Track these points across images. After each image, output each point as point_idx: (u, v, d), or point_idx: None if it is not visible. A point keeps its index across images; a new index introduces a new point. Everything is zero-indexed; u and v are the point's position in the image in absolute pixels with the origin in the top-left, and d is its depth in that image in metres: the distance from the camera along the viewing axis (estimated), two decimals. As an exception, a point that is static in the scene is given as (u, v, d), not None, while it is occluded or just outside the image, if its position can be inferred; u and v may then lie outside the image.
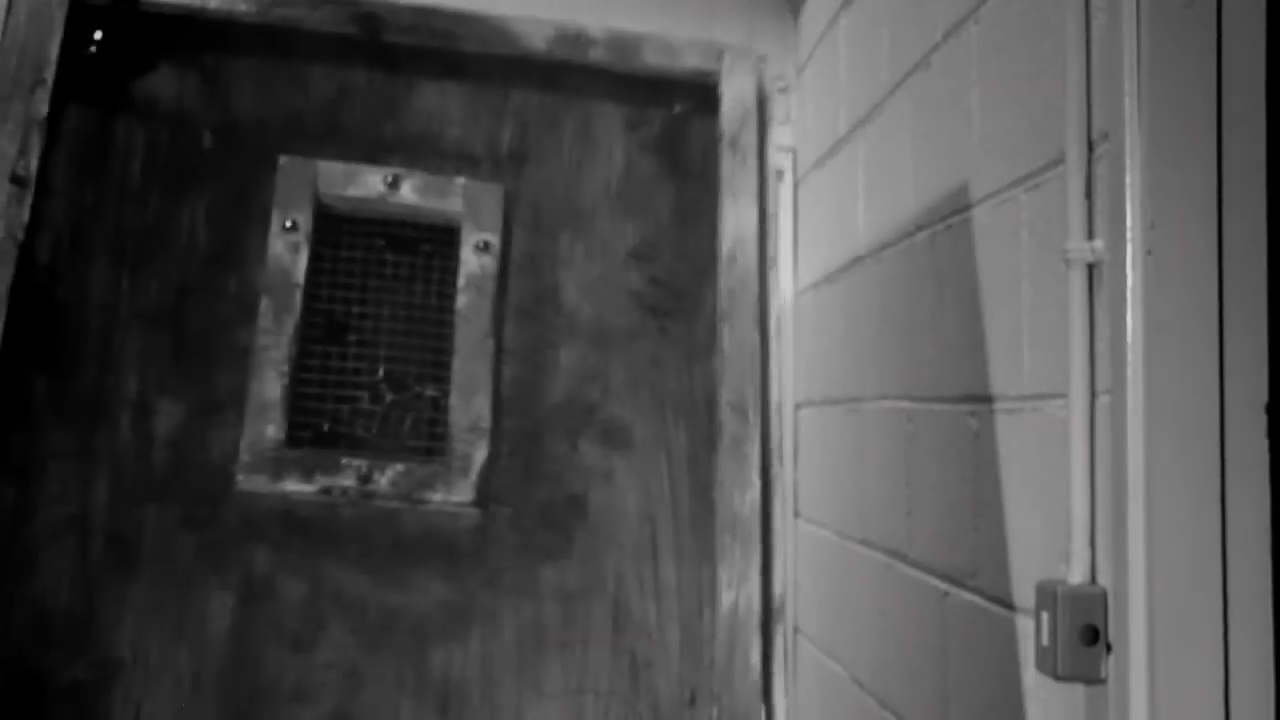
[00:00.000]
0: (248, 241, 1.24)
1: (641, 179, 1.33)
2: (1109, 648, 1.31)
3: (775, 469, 1.20)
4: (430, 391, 1.27)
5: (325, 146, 1.28)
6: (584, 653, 1.17)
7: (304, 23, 1.29)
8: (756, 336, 1.26)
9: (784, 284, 3.03)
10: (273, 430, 1.18)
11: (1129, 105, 1.29)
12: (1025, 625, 1.58)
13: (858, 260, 2.41)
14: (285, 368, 1.19)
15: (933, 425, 1.93)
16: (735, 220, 1.30)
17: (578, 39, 1.33)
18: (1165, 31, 1.25)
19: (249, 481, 1.17)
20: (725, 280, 1.28)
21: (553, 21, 1.33)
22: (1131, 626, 1.28)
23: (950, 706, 1.88)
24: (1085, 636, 1.35)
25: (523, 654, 1.17)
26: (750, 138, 1.32)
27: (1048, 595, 1.39)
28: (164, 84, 1.26)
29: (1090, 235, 1.43)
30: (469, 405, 1.21)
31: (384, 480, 1.18)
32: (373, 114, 1.30)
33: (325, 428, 1.24)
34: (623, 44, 1.33)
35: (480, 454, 1.21)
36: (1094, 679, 1.34)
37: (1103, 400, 1.39)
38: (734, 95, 1.33)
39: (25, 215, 1.18)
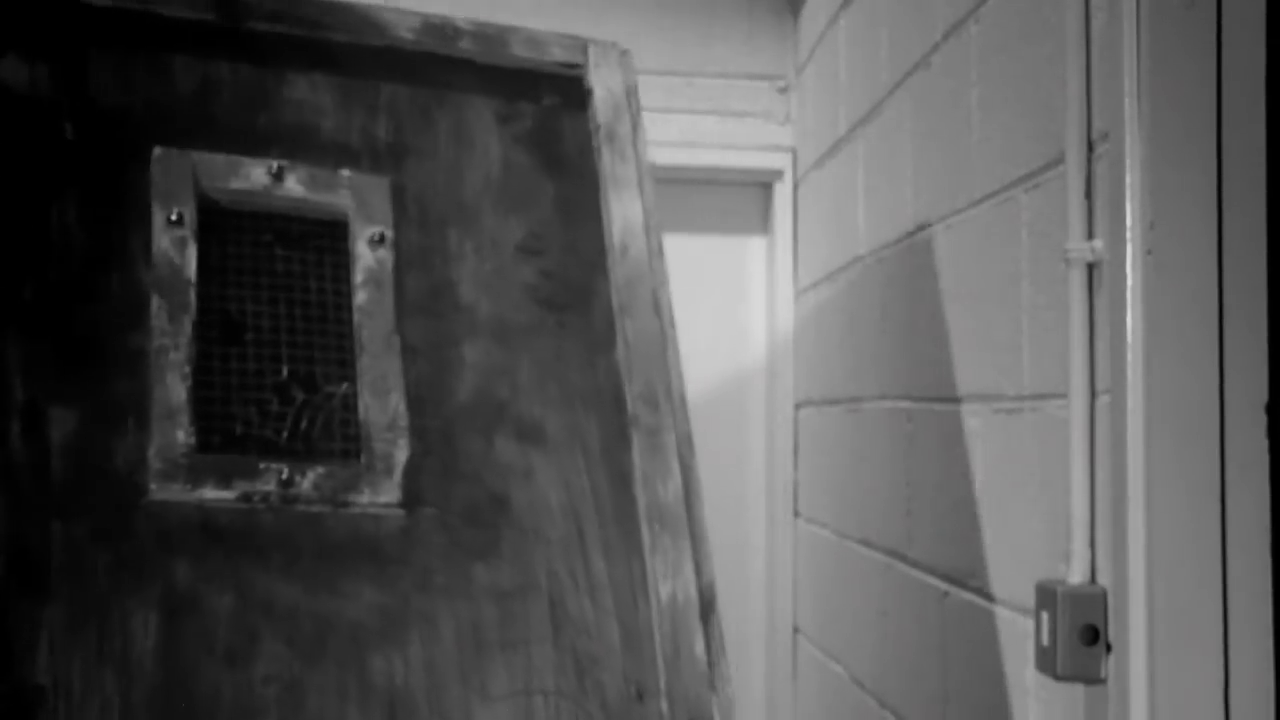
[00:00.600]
0: (129, 238, 1.66)
1: (519, 174, 1.88)
2: (1109, 647, 1.67)
3: (688, 460, 1.81)
4: (341, 390, 1.77)
5: (199, 138, 1.74)
6: (527, 653, 1.63)
7: (159, 8, 1.75)
8: (657, 325, 1.80)
9: (782, 284, 3.69)
10: (183, 435, 1.59)
11: (1129, 105, 1.68)
12: (1025, 625, 1.94)
13: (857, 260, 2.99)
14: (187, 369, 1.62)
15: (933, 425, 2.42)
16: (622, 213, 1.86)
17: (444, 30, 1.86)
18: (1165, 31, 1.67)
19: (162, 490, 1.57)
20: (619, 271, 1.83)
21: (418, 12, 1.85)
22: (1131, 626, 1.62)
23: (950, 706, 2.27)
24: (1085, 636, 1.68)
25: (465, 657, 1.61)
26: (625, 129, 1.90)
27: (1048, 595, 1.74)
28: (14, 69, 1.69)
29: (1090, 235, 1.76)
30: (384, 403, 1.69)
31: (306, 484, 1.63)
32: (244, 105, 1.77)
33: (237, 431, 1.68)
34: (489, 36, 1.87)
35: (401, 453, 1.67)
36: (1094, 679, 1.69)
37: (1103, 400, 1.72)
38: (604, 87, 1.90)
39: None
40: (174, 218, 1.71)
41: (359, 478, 1.69)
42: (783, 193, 3.76)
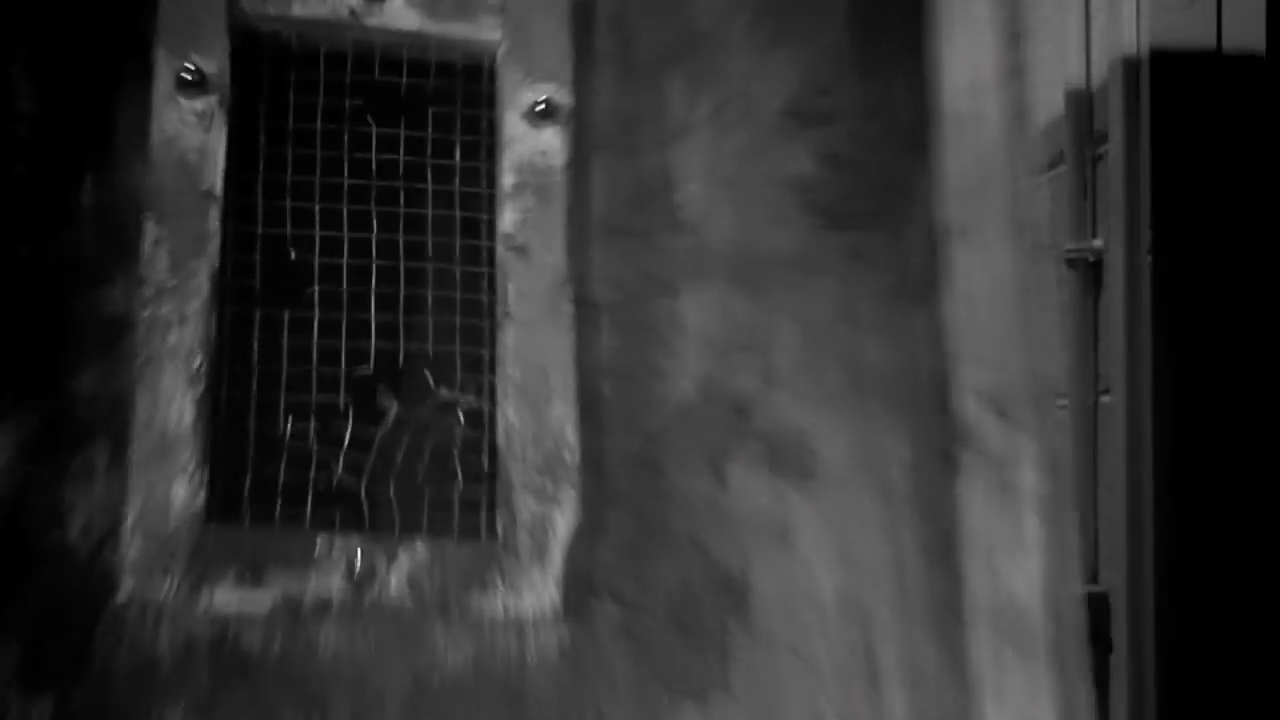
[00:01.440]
0: (114, 110, 1.03)
1: None
2: (1110, 648, 1.71)
3: (1070, 514, 1.11)
4: (465, 398, 1.10)
5: None
6: None
7: None
8: (1019, 266, 1.10)
9: None
10: (184, 490, 0.97)
11: (1129, 105, 1.73)
12: None
13: None
14: (199, 359, 0.99)
15: None
16: (963, 51, 1.14)
17: None
18: (1165, 31, 1.68)
19: (145, 589, 0.96)
20: (954, 158, 1.12)
21: None
22: (1134, 627, 1.68)
23: None
24: (1091, 638, 1.43)
25: None
26: None
27: None
28: None
29: (1090, 235, 1.84)
30: (539, 419, 1.02)
31: (395, 577, 1.00)
32: None
33: (280, 478, 1.07)
34: None
35: (566, 515, 1.03)
36: (1098, 680, 1.63)
37: (1104, 400, 1.81)
38: None
39: None
40: (190, 75, 1.03)
41: (488, 562, 1.03)
42: None
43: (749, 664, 1.04)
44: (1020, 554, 1.06)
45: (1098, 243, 1.84)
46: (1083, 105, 1.88)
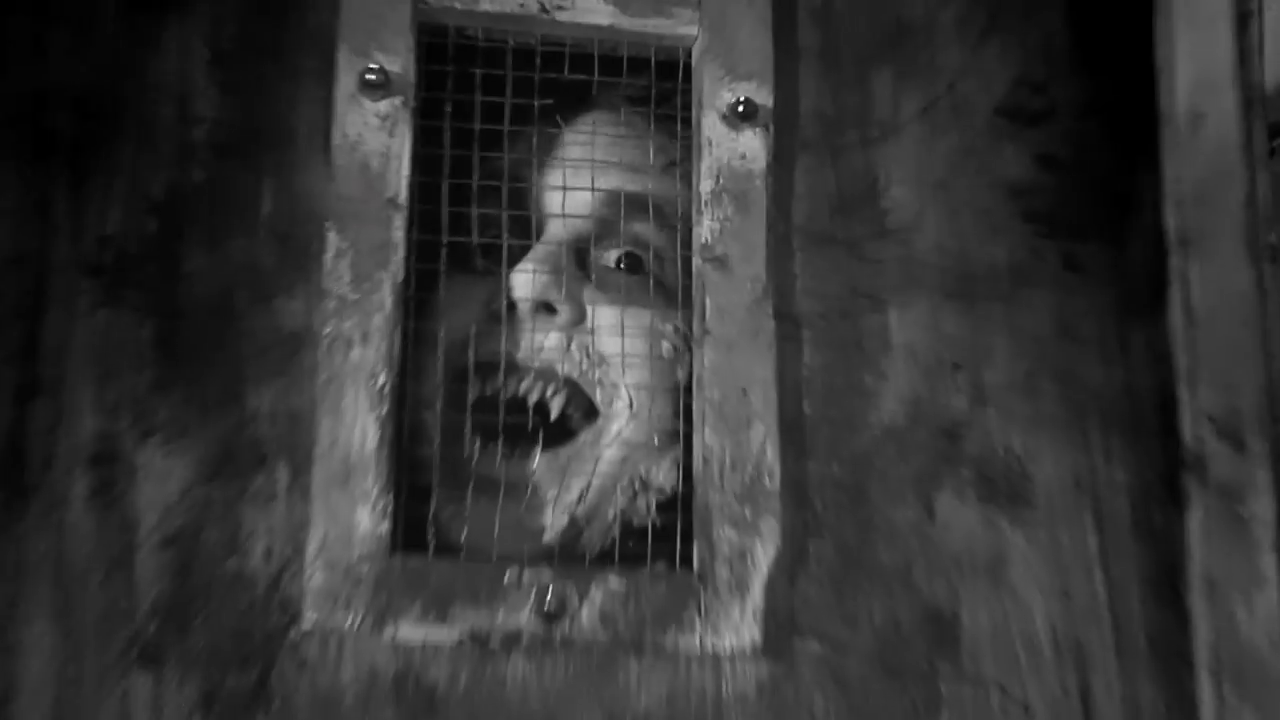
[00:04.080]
0: (293, 112, 1.01)
1: None
2: None
3: None
4: (656, 412, 1.06)
5: None
6: None
7: None
8: (1251, 278, 1.03)
9: None
10: (368, 518, 0.93)
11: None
12: None
13: None
14: (383, 381, 0.95)
15: None
16: (1193, 48, 1.07)
17: None
18: None
19: (327, 620, 0.94)
20: (1183, 163, 1.06)
21: None
22: None
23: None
24: None
25: None
26: None
27: None
28: None
29: None
30: (739, 444, 0.97)
31: (587, 612, 0.96)
32: None
33: (468, 504, 1.03)
34: None
35: (768, 546, 0.97)
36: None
37: None
38: None
39: None
40: (373, 75, 1.00)
41: (684, 597, 0.98)
42: None
43: (958, 706, 0.99)
44: (1255, 591, 1.01)
45: None
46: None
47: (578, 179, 1.06)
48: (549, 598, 0.94)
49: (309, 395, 0.95)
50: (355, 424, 0.94)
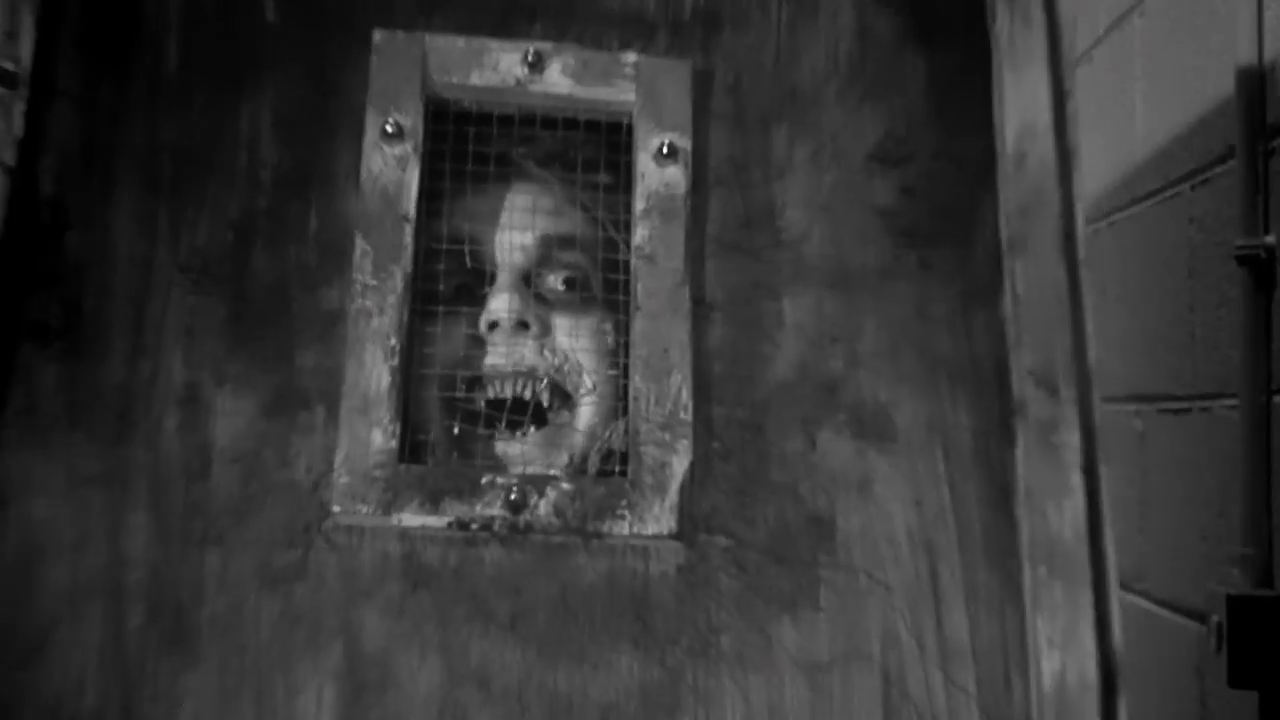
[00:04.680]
0: (333, 157, 1.33)
1: (879, 46, 1.42)
2: None
3: (1100, 468, 1.36)
4: (608, 370, 1.38)
5: (436, 14, 1.36)
6: None
7: None
8: (1063, 271, 1.33)
9: None
10: (380, 436, 1.24)
11: None
12: (1196, 630, 1.98)
13: None
14: (394, 342, 1.26)
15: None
16: (1020, 101, 1.38)
17: None
18: None
19: (350, 513, 1.23)
20: (1011, 190, 1.36)
21: None
22: None
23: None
24: (1259, 642, 1.74)
25: None
26: None
27: (1219, 600, 1.80)
28: None
29: (1263, 231, 1.83)
30: (660, 387, 1.28)
31: (544, 506, 1.25)
32: None
33: (455, 430, 1.34)
34: None
35: (681, 460, 1.27)
36: (1270, 685, 1.74)
37: (1276, 400, 1.79)
38: None
39: (18, 127, 1.26)
40: (391, 129, 1.33)
41: (619, 496, 1.28)
42: None
43: (833, 585, 1.27)
44: (1064, 499, 1.30)
45: (1270, 239, 1.79)
46: (1255, 98, 1.82)
47: (524, 227, 1.41)
48: (514, 494, 1.26)
49: (340, 355, 1.28)
50: (373, 371, 1.27)
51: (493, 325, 1.40)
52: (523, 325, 1.40)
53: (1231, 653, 1.75)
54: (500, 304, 1.39)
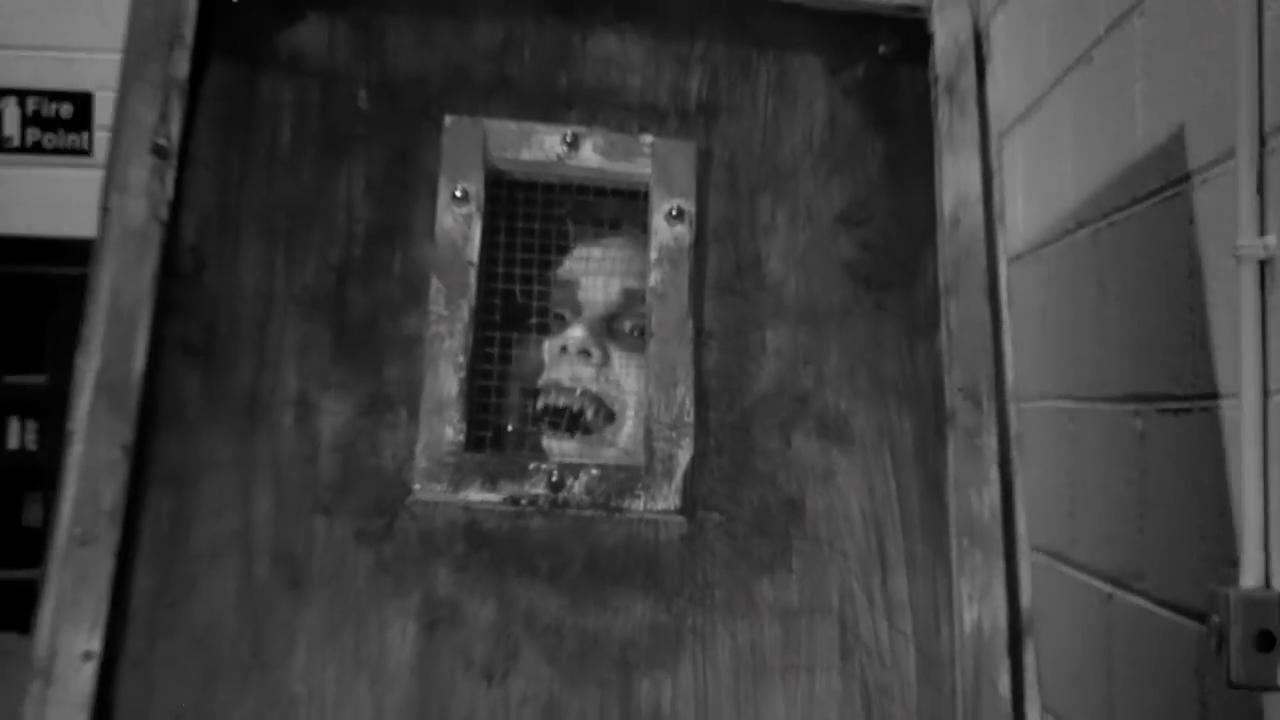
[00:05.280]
0: (413, 214, 1.66)
1: (846, 132, 1.76)
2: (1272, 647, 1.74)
3: (1016, 465, 1.72)
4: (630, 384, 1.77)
5: (494, 103, 1.69)
6: (810, 681, 1.55)
7: None
8: (986, 311, 1.67)
9: None
10: (450, 432, 1.57)
11: None
12: (1195, 630, 1.97)
13: (1017, 259, 3.06)
14: (462, 359, 1.59)
15: (1095, 425, 2.51)
16: (956, 177, 1.72)
17: None
18: None
19: (426, 490, 1.55)
20: (948, 246, 1.70)
21: None
22: None
23: (1116, 712, 2.34)
24: (1260, 642, 1.72)
25: (740, 683, 1.54)
26: (968, 81, 1.75)
27: (1220, 600, 1.78)
28: (313, 36, 1.69)
29: (1262, 231, 1.80)
30: (669, 397, 1.61)
31: (578, 486, 1.58)
32: (545, 64, 1.72)
33: (509, 427, 1.69)
34: None
35: (684, 453, 1.60)
36: (1270, 686, 1.73)
37: (1275, 400, 1.77)
38: (948, 33, 1.75)
39: (168, 191, 1.60)
40: (458, 194, 1.68)
41: (635, 480, 1.62)
42: None
43: (802, 552, 1.61)
44: (984, 488, 1.64)
45: (1270, 239, 1.76)
46: (1255, 98, 1.79)
47: (610, 274, 1.83)
48: (554, 477, 1.63)
49: (419, 369, 1.63)
50: (445, 382, 1.63)
51: (563, 349, 1.81)
52: (586, 354, 1.81)
53: (1231, 653, 1.72)
54: (576, 334, 1.81)
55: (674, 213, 1.72)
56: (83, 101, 3.66)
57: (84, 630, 1.52)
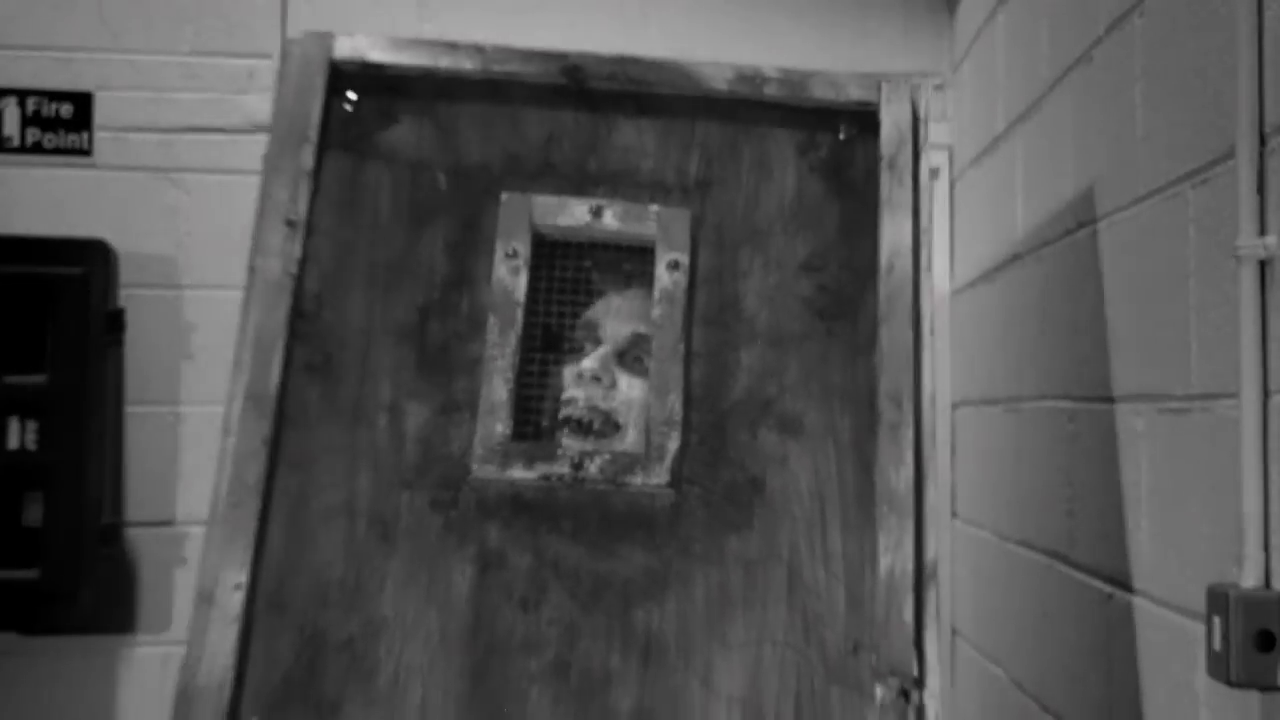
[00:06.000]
0: (476, 267, 2.19)
1: (810, 199, 2.25)
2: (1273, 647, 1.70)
3: (927, 451, 2.03)
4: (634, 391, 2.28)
5: (539, 182, 2.23)
6: (763, 610, 2.01)
7: (519, 75, 2.25)
8: (910, 336, 2.13)
9: (939, 284, 3.56)
10: (500, 427, 2.07)
11: None
12: (1195, 630, 1.96)
13: (1016, 258, 3.13)
14: (510, 374, 2.09)
15: (1095, 425, 2.54)
16: (893, 233, 2.20)
17: (754, 78, 2.27)
18: None
19: (482, 470, 2.07)
20: (884, 287, 2.17)
21: (731, 64, 2.25)
22: None
23: (1115, 711, 2.37)
24: (1260, 642, 1.72)
25: (711, 612, 2.00)
26: (906, 159, 2.23)
27: (1220, 599, 1.78)
28: (405, 134, 2.24)
29: (1262, 231, 1.78)
30: (664, 402, 2.10)
31: (593, 467, 2.08)
32: (579, 152, 2.24)
33: (544, 423, 2.19)
34: (793, 81, 2.26)
35: (673, 444, 2.08)
36: (1269, 685, 1.72)
37: (1276, 400, 1.75)
38: (891, 121, 2.24)
39: (297, 252, 2.15)
40: (510, 252, 2.23)
41: (636, 463, 2.14)
42: (939, 191, 3.79)
43: (763, 516, 2.11)
44: (901, 467, 2.10)
45: (1270, 239, 1.75)
46: (1254, 98, 1.79)
47: (625, 318, 2.38)
48: (575, 460, 2.16)
49: (479, 383, 2.19)
50: (498, 390, 2.17)
51: (579, 375, 2.35)
52: (597, 379, 2.34)
53: (1231, 653, 1.73)
54: (591, 363, 2.35)
55: (672, 264, 2.25)
56: (83, 101, 3.57)
57: (234, 569, 2.09)
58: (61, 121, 3.57)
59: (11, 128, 3.55)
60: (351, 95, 2.29)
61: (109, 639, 3.51)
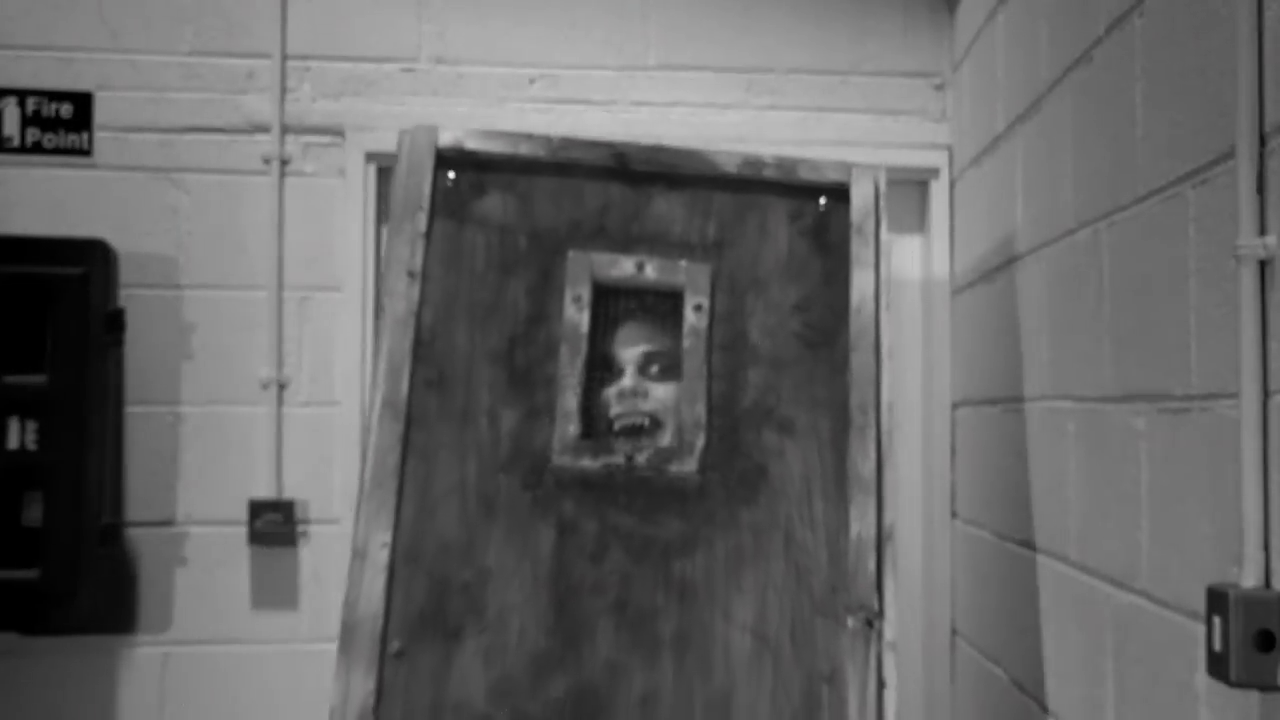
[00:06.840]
0: (550, 308, 2.84)
1: (799, 255, 2.91)
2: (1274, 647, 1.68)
3: (885, 446, 2.70)
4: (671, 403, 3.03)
5: (595, 242, 2.89)
6: (766, 564, 2.66)
7: (581, 159, 2.91)
8: (874, 361, 2.81)
9: (938, 283, 3.92)
10: (572, 429, 2.75)
11: None
12: (1195, 630, 1.95)
13: (1016, 259, 3.22)
14: (578, 389, 2.76)
15: (1095, 425, 2.56)
16: (861, 282, 2.88)
17: (756, 163, 2.94)
18: None
19: (559, 460, 2.74)
20: (854, 323, 2.84)
21: (740, 153, 2.94)
22: None
23: (1115, 712, 2.39)
24: (1260, 642, 1.72)
25: (729, 565, 2.66)
26: (870, 225, 2.92)
27: (1220, 599, 1.77)
28: (493, 204, 2.91)
29: (1262, 231, 1.76)
30: (693, 409, 2.77)
31: (641, 459, 2.74)
32: (624, 219, 2.90)
33: (602, 426, 2.88)
34: (785, 165, 2.94)
35: (700, 441, 2.76)
36: (1269, 685, 1.72)
37: (1276, 400, 1.73)
38: (860, 195, 2.93)
39: (416, 297, 2.83)
40: (576, 296, 2.92)
41: (674, 455, 2.85)
42: (939, 191, 3.88)
43: (766, 493, 2.84)
44: (866, 459, 2.83)
45: (1270, 239, 1.72)
46: (1254, 98, 1.76)
47: (636, 342, 3.13)
48: (629, 453, 2.91)
49: (554, 396, 2.92)
50: (569, 401, 2.90)
51: (619, 392, 3.08)
52: (635, 393, 3.07)
53: (1231, 653, 1.71)
54: (627, 382, 3.07)
55: (697, 306, 2.97)
56: (83, 101, 3.52)
57: (381, 531, 2.80)
58: (61, 121, 3.51)
59: (11, 128, 3.51)
60: (451, 174, 2.94)
61: (109, 639, 3.52)
